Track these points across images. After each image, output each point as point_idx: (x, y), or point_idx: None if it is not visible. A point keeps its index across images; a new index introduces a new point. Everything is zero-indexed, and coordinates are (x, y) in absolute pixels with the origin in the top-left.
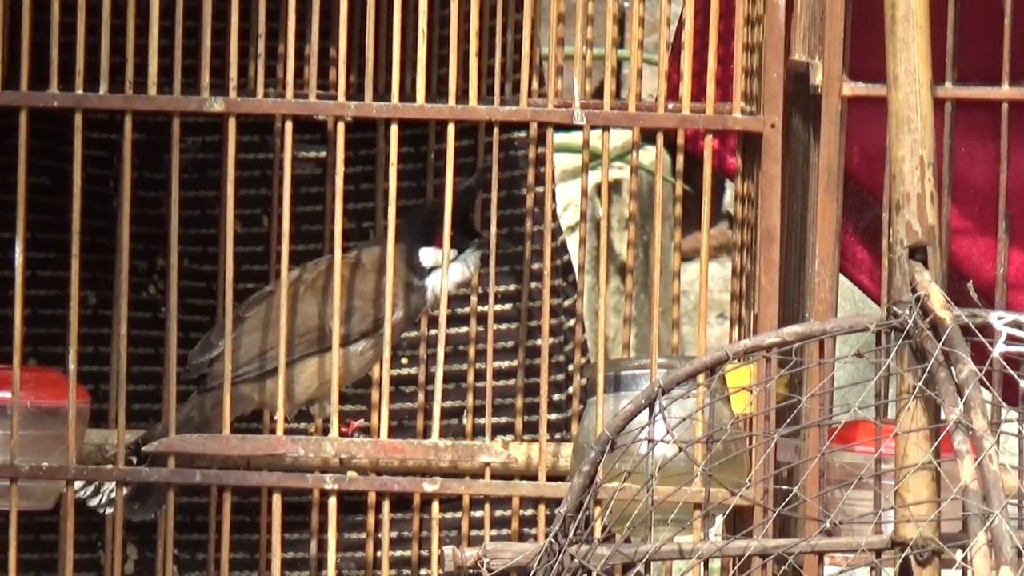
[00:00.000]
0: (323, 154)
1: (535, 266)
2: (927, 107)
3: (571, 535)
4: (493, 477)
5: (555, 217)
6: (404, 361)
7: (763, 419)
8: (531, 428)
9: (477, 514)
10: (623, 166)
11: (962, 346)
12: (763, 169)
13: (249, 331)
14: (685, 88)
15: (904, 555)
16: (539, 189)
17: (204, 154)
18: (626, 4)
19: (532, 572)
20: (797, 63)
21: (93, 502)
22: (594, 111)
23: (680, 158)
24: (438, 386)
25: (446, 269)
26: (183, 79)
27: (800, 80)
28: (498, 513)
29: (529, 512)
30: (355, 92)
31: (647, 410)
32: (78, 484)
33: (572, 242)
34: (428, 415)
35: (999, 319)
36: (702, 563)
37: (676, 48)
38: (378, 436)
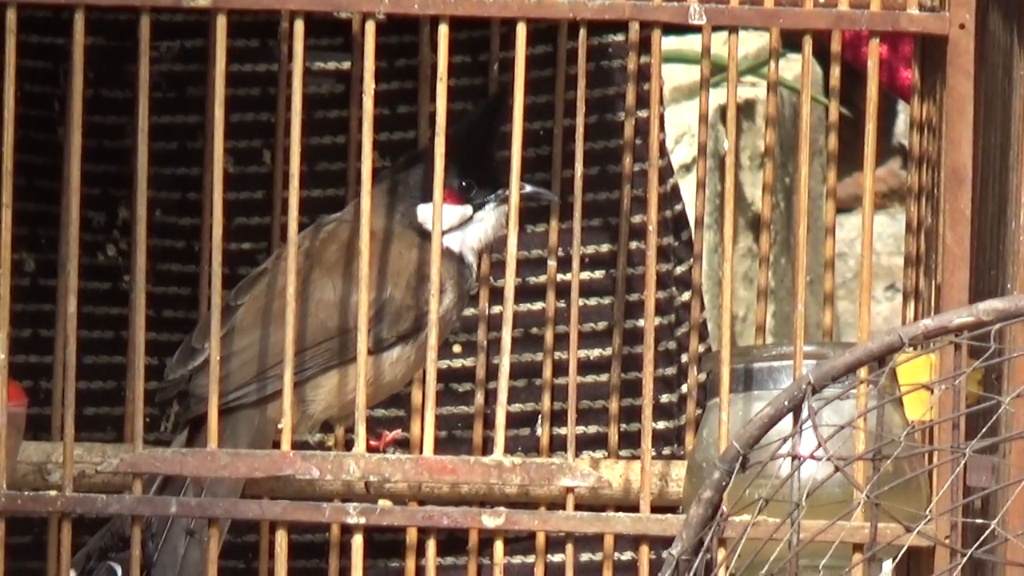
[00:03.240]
0: (346, 65)
1: (636, 219)
2: None
3: None
4: (578, 508)
5: (663, 152)
6: (456, 350)
7: (949, 428)
8: (630, 441)
9: (556, 558)
10: (757, 82)
11: None
12: (949, 87)
13: (243, 330)
14: None
15: None
16: (641, 114)
17: (184, 65)
18: None
19: None
20: None
21: None
22: (717, 6)
23: (835, 71)
24: (503, 384)
25: (514, 222)
26: None
27: None
28: (585, 557)
29: (627, 556)
30: None
31: (791, 416)
32: None
33: (687, 186)
34: (489, 423)
35: None
36: None
37: None
38: (420, 451)
